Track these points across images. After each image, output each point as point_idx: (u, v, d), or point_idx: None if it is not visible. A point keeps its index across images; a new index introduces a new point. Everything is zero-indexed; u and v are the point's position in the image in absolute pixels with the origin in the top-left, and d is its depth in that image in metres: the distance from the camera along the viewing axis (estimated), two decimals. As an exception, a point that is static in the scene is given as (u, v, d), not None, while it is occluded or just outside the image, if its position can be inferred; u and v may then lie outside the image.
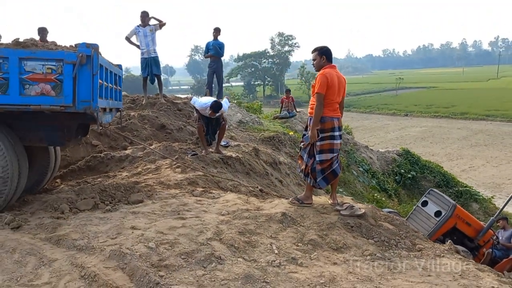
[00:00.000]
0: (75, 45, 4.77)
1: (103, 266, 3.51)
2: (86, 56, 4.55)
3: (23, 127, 5.10)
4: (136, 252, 3.69)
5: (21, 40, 4.90)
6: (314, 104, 4.79)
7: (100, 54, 4.85)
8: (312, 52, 4.98)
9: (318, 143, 4.82)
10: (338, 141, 4.91)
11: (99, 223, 4.43)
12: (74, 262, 3.59)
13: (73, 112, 4.70)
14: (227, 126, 10.78)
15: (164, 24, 9.76)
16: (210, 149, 7.93)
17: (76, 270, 3.47)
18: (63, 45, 5.09)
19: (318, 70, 4.92)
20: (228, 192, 6.19)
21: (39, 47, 4.81)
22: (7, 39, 5.04)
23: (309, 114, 5.00)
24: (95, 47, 4.66)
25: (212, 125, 7.85)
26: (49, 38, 8.80)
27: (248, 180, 7.54)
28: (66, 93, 4.56)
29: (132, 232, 4.14)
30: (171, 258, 3.67)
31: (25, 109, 4.61)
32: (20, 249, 3.82)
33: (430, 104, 54.73)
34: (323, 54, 4.89)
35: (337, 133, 4.87)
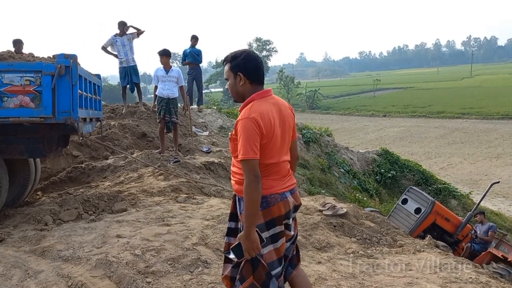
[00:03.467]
0: (54, 56, 4.77)
1: (90, 275, 3.52)
2: (65, 66, 4.56)
3: (3, 140, 5.06)
4: (123, 260, 3.71)
5: None
6: (238, 176, 2.48)
7: (79, 65, 4.86)
8: (223, 65, 2.62)
9: (263, 252, 2.40)
10: (292, 232, 2.57)
11: (83, 233, 4.43)
12: (60, 272, 3.59)
13: (53, 123, 4.70)
14: (207, 133, 10.87)
15: (142, 32, 9.77)
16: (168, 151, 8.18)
17: (62, 281, 3.46)
18: (41, 57, 5.08)
19: (237, 100, 2.58)
20: (212, 197, 6.25)
21: (16, 59, 4.79)
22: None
23: (234, 190, 2.59)
24: (73, 57, 4.67)
25: (171, 111, 7.91)
26: (25, 50, 8.72)
27: (231, 185, 7.59)
28: (46, 104, 4.55)
29: (118, 241, 4.15)
30: (158, 264, 3.71)
31: (4, 121, 4.58)
32: (5, 262, 3.80)
33: (407, 104, 55.70)
34: (240, 70, 2.47)
35: (291, 221, 2.54)
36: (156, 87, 8.09)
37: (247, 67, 2.45)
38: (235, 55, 2.50)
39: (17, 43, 8.88)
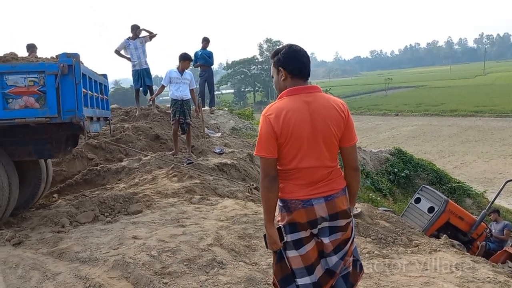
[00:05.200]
0: (56, 56, 4.81)
1: (107, 277, 3.56)
2: (68, 66, 4.57)
3: (11, 143, 5.11)
4: (139, 261, 3.75)
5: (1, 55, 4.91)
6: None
7: (82, 63, 4.87)
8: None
9: (287, 254, 2.36)
10: (327, 241, 2.34)
11: (100, 235, 4.48)
12: (78, 274, 3.64)
13: (60, 123, 4.72)
14: (219, 134, 10.92)
15: (155, 35, 9.87)
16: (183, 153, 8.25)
17: (80, 282, 3.51)
18: (44, 57, 5.11)
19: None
20: (226, 198, 6.27)
21: (19, 60, 4.83)
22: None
23: None
24: (76, 56, 4.68)
25: (185, 113, 7.98)
26: (39, 54, 8.85)
27: (244, 186, 7.62)
28: (50, 104, 4.57)
29: (134, 242, 4.19)
30: (174, 265, 3.74)
31: (10, 123, 4.62)
32: (23, 264, 3.86)
33: (420, 103, 55.18)
34: (281, 65, 2.39)
35: (319, 228, 2.33)
36: (163, 86, 8.18)
37: (288, 61, 2.35)
38: (277, 51, 2.42)
39: (31, 48, 9.02)
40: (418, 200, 8.17)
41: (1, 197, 4.75)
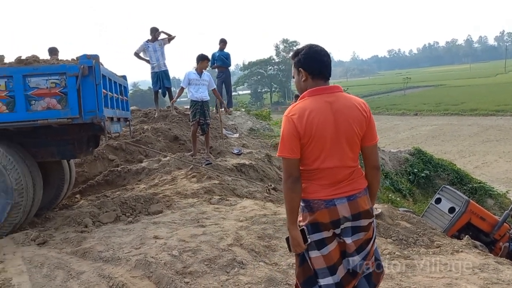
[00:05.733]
0: (77, 58, 4.89)
1: (130, 276, 3.62)
2: (88, 67, 4.66)
3: (35, 144, 5.24)
4: (161, 260, 3.80)
5: (23, 57, 5.02)
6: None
7: (102, 65, 4.96)
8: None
9: (310, 254, 2.35)
10: (350, 241, 2.33)
11: (122, 235, 4.55)
12: (101, 273, 3.70)
13: (81, 123, 4.82)
14: (237, 135, 10.96)
15: (173, 37, 9.97)
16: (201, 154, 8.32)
17: (104, 281, 3.58)
18: (64, 59, 5.21)
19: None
20: (244, 198, 6.30)
21: (41, 62, 4.93)
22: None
23: None
24: (96, 57, 4.77)
25: (205, 114, 8.05)
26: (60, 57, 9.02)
27: (262, 186, 7.64)
28: (72, 105, 4.67)
29: (155, 242, 4.25)
30: (195, 264, 3.78)
31: (33, 124, 4.73)
32: (48, 264, 3.94)
33: (439, 102, 54.42)
34: (301, 65, 2.37)
35: (342, 228, 2.33)
36: (182, 88, 8.25)
37: (308, 62, 2.35)
38: (297, 51, 2.41)
39: (53, 51, 9.20)
40: (438, 201, 8.05)
41: (25, 198, 4.85)
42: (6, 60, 5.17)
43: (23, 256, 4.10)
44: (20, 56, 4.83)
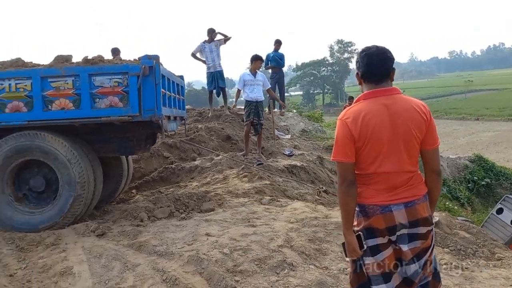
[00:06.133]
0: (138, 58, 5.06)
1: (183, 271, 3.71)
2: (149, 67, 4.83)
3: (97, 140, 5.51)
4: (212, 257, 3.86)
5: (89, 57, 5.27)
6: None
7: (162, 65, 5.12)
8: None
9: (365, 260, 2.30)
10: (406, 249, 2.25)
11: (175, 230, 4.67)
12: (155, 267, 3.82)
13: (140, 121, 5.00)
14: (289, 136, 10.94)
15: (229, 38, 10.13)
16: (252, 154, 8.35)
17: (158, 275, 3.69)
18: (127, 59, 5.41)
19: None
20: (295, 200, 6.27)
21: (105, 62, 5.15)
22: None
23: None
24: (156, 58, 4.95)
25: (259, 114, 8.07)
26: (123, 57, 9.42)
27: (313, 188, 7.58)
28: (133, 104, 4.87)
29: (207, 239, 4.33)
30: (245, 264, 3.80)
31: (96, 121, 4.97)
32: (106, 255, 4.12)
33: (503, 107, 51.40)
34: (357, 69, 2.38)
35: (398, 235, 2.26)
36: (239, 91, 8.34)
37: (360, 66, 2.32)
38: (360, 51, 2.35)
39: (116, 51, 9.63)
40: (500, 211, 7.64)
41: (87, 191, 5.10)
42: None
43: (83, 246, 4.31)
44: (87, 56, 5.08)
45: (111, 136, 5.51)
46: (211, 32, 10.06)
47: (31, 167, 5.18)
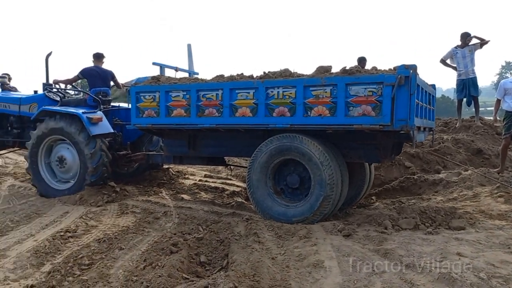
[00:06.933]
0: (394, 68, 5.05)
1: (432, 287, 3.56)
2: (405, 77, 4.79)
3: (346, 146, 5.81)
4: (467, 280, 3.59)
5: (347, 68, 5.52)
6: None
7: (418, 75, 5.01)
8: None
9: None
10: None
11: (422, 244, 4.51)
12: (403, 277, 3.77)
13: (390, 130, 5.01)
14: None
15: (486, 42, 9.18)
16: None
17: (406, 286, 3.63)
18: (382, 69, 5.46)
19: None
20: None
21: (361, 73, 5.31)
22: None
23: None
24: (413, 68, 4.86)
25: None
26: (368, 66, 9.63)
27: None
28: (385, 113, 4.90)
29: (459, 259, 4.03)
30: (507, 294, 3.40)
31: (348, 128, 5.20)
32: (354, 255, 4.28)
33: None
34: None
35: None
36: (498, 101, 7.47)
37: None
38: None
39: (362, 61, 9.93)
40: None
41: (335, 192, 5.43)
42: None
43: (332, 243, 4.60)
44: (345, 67, 5.41)
45: (358, 142, 5.74)
46: (465, 37, 9.31)
47: (288, 165, 5.82)
